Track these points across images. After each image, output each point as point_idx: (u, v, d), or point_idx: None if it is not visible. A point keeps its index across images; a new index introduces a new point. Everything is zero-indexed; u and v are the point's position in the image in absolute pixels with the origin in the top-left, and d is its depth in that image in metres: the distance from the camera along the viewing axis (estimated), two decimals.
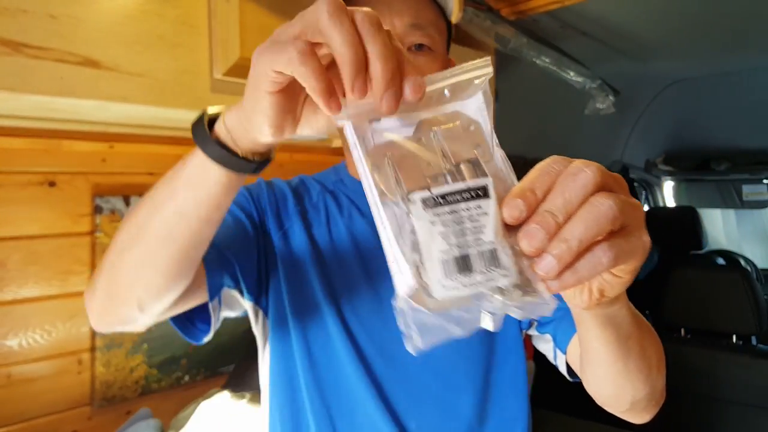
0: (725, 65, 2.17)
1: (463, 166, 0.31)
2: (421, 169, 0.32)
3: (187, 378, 1.18)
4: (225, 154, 0.42)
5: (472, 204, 0.30)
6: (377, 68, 0.31)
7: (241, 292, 0.66)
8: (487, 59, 0.33)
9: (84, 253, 1.05)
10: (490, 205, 0.30)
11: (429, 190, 0.30)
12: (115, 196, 1.08)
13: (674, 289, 1.74)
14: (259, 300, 0.68)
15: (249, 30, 0.90)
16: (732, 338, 1.65)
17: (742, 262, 2.93)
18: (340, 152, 1.50)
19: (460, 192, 0.30)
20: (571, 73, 1.45)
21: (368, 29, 0.31)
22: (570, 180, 0.30)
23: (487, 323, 0.30)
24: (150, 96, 0.83)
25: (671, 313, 1.74)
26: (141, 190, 1.13)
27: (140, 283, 0.49)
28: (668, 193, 3.47)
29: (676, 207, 3.32)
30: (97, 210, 1.05)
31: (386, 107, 0.31)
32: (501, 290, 0.29)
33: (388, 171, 0.31)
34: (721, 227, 3.67)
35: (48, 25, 0.72)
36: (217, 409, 1.00)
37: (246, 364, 1.15)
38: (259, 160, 0.44)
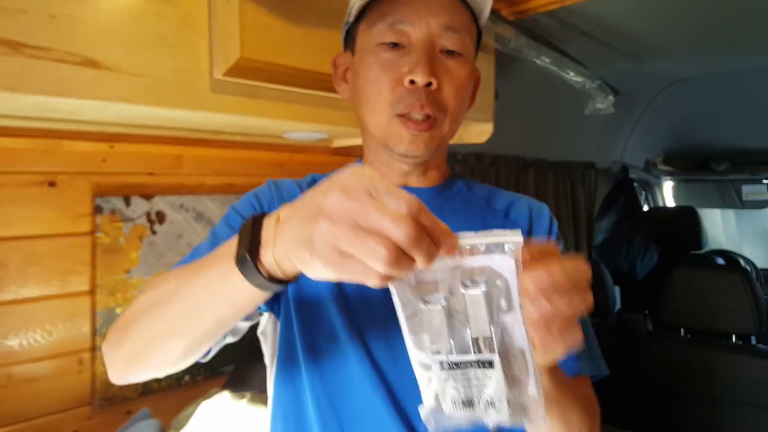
0: (725, 65, 2.17)
1: (480, 340, 0.40)
2: (447, 327, 0.40)
3: (187, 378, 1.18)
4: (271, 284, 0.44)
5: (479, 371, 0.40)
6: (420, 251, 0.37)
7: (258, 312, 0.67)
8: (518, 232, 0.38)
9: (84, 253, 1.05)
10: (494, 373, 0.40)
11: (449, 352, 0.40)
12: (116, 196, 1.08)
13: (674, 289, 1.75)
14: (273, 307, 0.69)
15: (249, 30, 0.90)
16: (731, 338, 1.66)
17: (742, 262, 2.93)
18: (341, 153, 1.50)
19: (472, 362, 0.40)
20: (571, 73, 1.45)
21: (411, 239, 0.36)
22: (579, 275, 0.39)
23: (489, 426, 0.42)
24: (150, 96, 0.83)
25: (671, 313, 1.74)
26: (141, 190, 1.13)
27: (167, 361, 0.53)
28: (668, 194, 3.47)
29: (675, 207, 3.32)
30: (98, 210, 1.05)
31: (422, 266, 0.37)
32: (495, 420, 0.41)
33: (420, 323, 0.40)
34: (720, 227, 3.68)
35: (48, 25, 0.72)
36: (217, 409, 1.00)
37: (246, 364, 1.15)
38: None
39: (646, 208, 3.27)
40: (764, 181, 3.03)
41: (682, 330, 1.73)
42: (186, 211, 1.19)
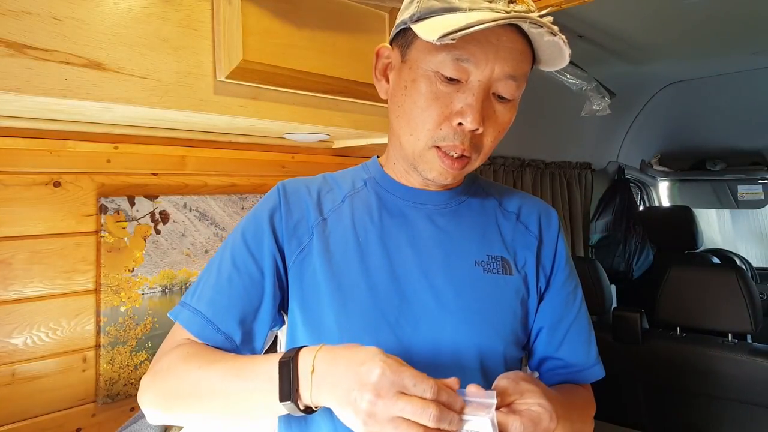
0: (719, 67, 2.19)
1: None
2: None
3: None
4: (305, 413, 0.54)
5: None
6: (443, 424, 0.47)
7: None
8: (493, 393, 0.51)
9: (89, 252, 1.06)
10: None
11: None
12: (120, 196, 1.09)
13: (669, 287, 1.76)
14: (284, 319, 0.71)
15: (251, 33, 0.91)
16: (727, 337, 1.67)
17: (738, 261, 2.95)
18: (342, 153, 1.51)
19: None
20: (568, 76, 1.46)
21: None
22: None
23: None
24: (154, 97, 0.84)
25: (666, 312, 1.75)
26: (145, 190, 1.15)
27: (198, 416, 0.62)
28: (663, 194, 3.49)
29: (671, 206, 3.34)
30: (102, 210, 1.06)
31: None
32: None
33: None
34: (716, 227, 3.70)
35: (52, 27, 0.74)
36: None
37: None
38: None
39: (641, 207, 3.29)
40: (760, 181, 3.06)
41: (677, 329, 1.74)
42: (189, 210, 1.20)
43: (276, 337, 0.78)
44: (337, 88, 1.06)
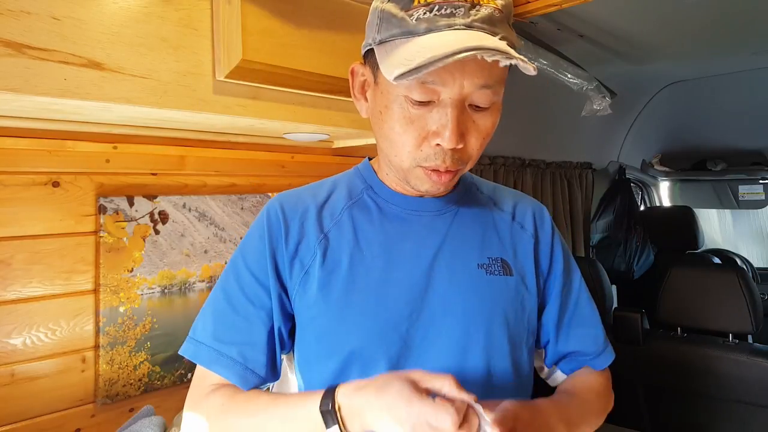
0: (720, 67, 2.19)
1: None
2: None
3: (189, 375, 1.19)
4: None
5: None
6: None
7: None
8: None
9: (88, 252, 1.06)
10: None
11: None
12: (119, 196, 1.09)
13: (670, 288, 1.76)
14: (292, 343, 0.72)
15: (251, 32, 0.91)
16: (728, 337, 1.66)
17: (738, 262, 2.94)
18: (342, 153, 1.51)
19: None
20: (569, 75, 1.46)
21: None
22: None
23: None
24: (153, 97, 0.84)
25: (667, 312, 1.75)
26: (144, 190, 1.15)
27: None
28: (664, 194, 3.49)
29: (672, 206, 3.33)
30: (101, 210, 1.06)
31: None
32: None
33: None
34: (717, 227, 3.70)
35: (51, 27, 0.74)
36: None
37: None
38: None
39: (642, 208, 3.29)
40: (760, 181, 3.05)
41: (678, 329, 1.74)
42: (189, 210, 1.20)
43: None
44: (337, 87, 1.05)
